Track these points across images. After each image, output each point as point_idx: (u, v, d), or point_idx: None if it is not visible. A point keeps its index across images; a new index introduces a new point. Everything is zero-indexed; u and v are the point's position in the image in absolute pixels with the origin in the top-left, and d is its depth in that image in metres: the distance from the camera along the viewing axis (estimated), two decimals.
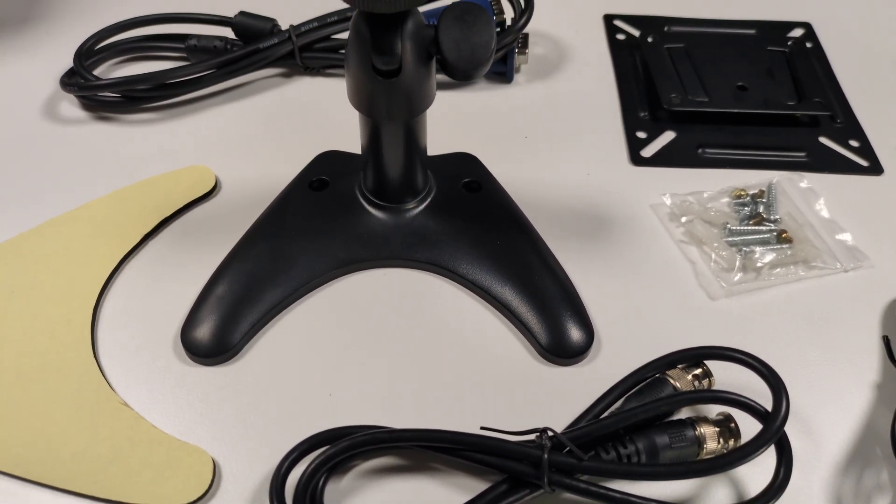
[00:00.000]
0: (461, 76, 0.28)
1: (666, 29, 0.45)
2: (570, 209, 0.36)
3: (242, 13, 0.41)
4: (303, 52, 0.40)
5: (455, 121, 0.40)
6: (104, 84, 0.37)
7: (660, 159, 0.38)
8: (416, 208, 0.34)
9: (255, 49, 0.39)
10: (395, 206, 0.34)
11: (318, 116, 0.40)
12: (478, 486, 0.26)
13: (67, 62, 0.40)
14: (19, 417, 0.28)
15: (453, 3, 0.27)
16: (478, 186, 0.35)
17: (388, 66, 0.27)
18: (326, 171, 0.36)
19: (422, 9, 0.41)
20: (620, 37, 0.44)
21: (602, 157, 0.38)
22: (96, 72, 0.41)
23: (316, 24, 0.40)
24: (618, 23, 0.45)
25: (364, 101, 0.29)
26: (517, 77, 0.42)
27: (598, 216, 0.35)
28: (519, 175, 0.37)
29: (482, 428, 0.27)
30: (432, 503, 0.26)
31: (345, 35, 0.41)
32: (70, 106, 0.40)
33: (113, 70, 0.42)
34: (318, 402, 0.29)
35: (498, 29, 0.40)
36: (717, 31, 0.44)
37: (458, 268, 0.32)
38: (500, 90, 0.41)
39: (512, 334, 0.31)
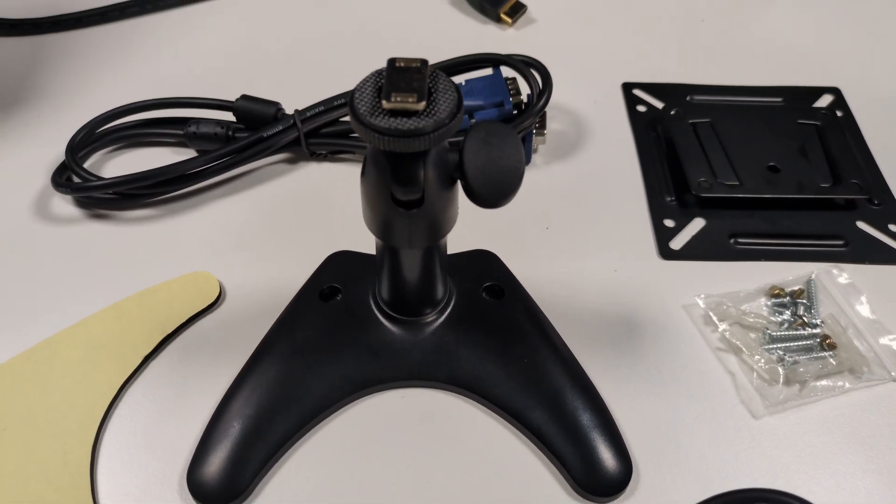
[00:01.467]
0: (488, 205, 0.25)
1: (688, 98, 0.42)
2: (598, 312, 0.34)
3: (244, 97, 0.39)
4: (309, 138, 0.38)
5: (471, 209, 0.37)
6: (100, 185, 0.35)
7: (690, 252, 0.35)
8: (435, 321, 0.31)
9: (258, 138, 0.37)
10: (413, 320, 0.31)
11: (327, 207, 0.37)
12: None
13: (59, 150, 0.38)
14: None
15: (478, 124, 0.25)
16: (500, 291, 0.33)
17: (410, 196, 0.25)
18: (338, 275, 0.33)
19: None
20: (641, 108, 0.42)
21: (629, 250, 0.36)
22: (89, 162, 0.38)
23: (322, 107, 0.38)
24: (637, 92, 0.43)
25: (381, 229, 0.27)
26: (535, 158, 0.39)
27: (628, 320, 0.33)
28: (541, 273, 0.34)
29: None
30: None
31: None
32: (62, 202, 0.37)
33: (106, 159, 0.39)
34: None
35: (515, 111, 0.37)
36: (743, 100, 0.42)
37: (483, 389, 0.30)
38: None
39: (543, 465, 0.29)
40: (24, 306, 0.33)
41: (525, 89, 0.38)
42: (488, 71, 0.40)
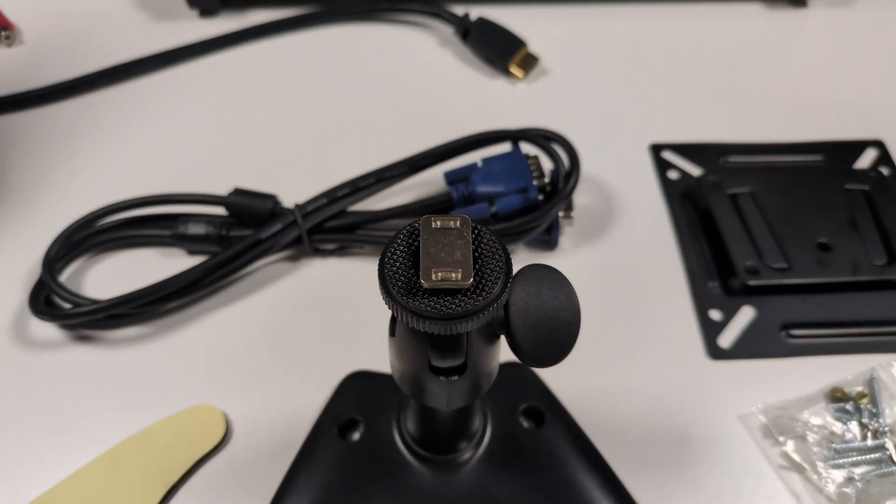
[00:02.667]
0: (538, 366, 0.22)
1: (721, 161, 0.39)
2: (646, 428, 0.30)
3: (238, 191, 0.35)
4: (312, 234, 0.34)
5: None
6: (91, 310, 0.31)
7: (741, 350, 0.32)
8: (471, 458, 0.28)
9: (255, 241, 0.33)
10: (445, 458, 0.28)
11: (337, 311, 0.34)
12: None
13: (31, 257, 0.34)
14: None
15: (524, 270, 0.22)
16: (540, 416, 0.30)
17: (450, 364, 0.22)
18: (356, 404, 0.30)
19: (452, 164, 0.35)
20: (673, 175, 0.39)
21: (674, 349, 0.32)
22: (67, 272, 0.34)
23: (325, 200, 0.34)
24: (667, 155, 0.39)
25: (415, 393, 0.23)
26: (561, 241, 0.36)
27: (679, 435, 0.30)
28: (577, 383, 0.31)
29: None
30: None
31: (358, 206, 0.35)
32: (39, 322, 0.33)
33: (85, 267, 0.35)
34: None
35: (540, 196, 0.34)
36: (781, 160, 0.39)
37: None
38: (544, 260, 0.35)
39: None
40: (5, 457, 0.30)
41: (546, 164, 0.35)
42: (505, 146, 0.36)
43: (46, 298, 0.33)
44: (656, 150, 0.40)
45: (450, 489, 0.28)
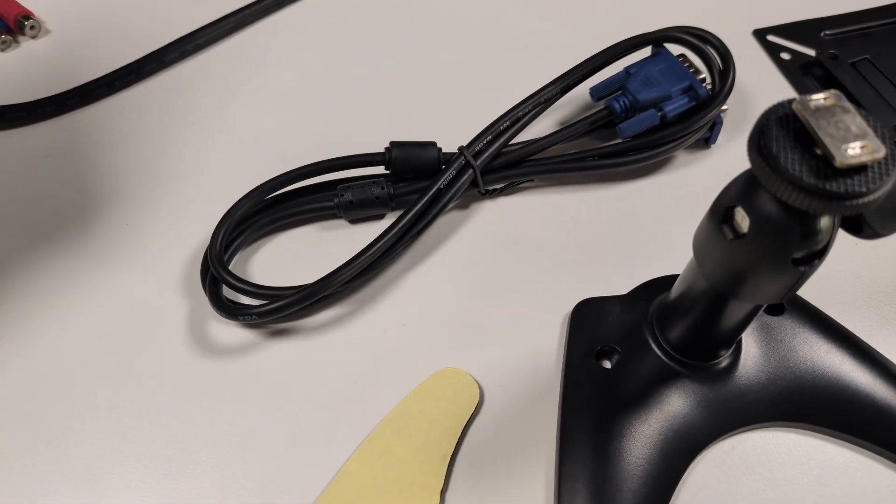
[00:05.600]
0: (886, 234, 0.22)
1: (822, 35, 0.40)
2: (856, 295, 0.31)
3: (396, 144, 0.32)
4: (483, 175, 0.32)
5: (680, 209, 0.33)
6: (295, 299, 0.28)
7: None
8: (734, 359, 0.28)
9: (436, 192, 0.31)
10: (707, 365, 0.28)
11: (530, 248, 0.32)
12: None
13: (168, 256, 0.31)
14: None
15: None
16: (779, 306, 0.30)
17: (812, 249, 0.21)
18: (598, 329, 0.29)
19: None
20: (786, 56, 0.39)
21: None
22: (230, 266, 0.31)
23: (489, 136, 0.32)
24: (772, 38, 0.40)
25: (749, 290, 0.23)
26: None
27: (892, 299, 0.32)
28: None
29: None
30: None
31: (519, 138, 0.33)
32: (220, 329, 0.30)
33: (246, 258, 0.32)
34: None
35: (707, 91, 0.33)
36: (879, 23, 0.40)
37: (825, 415, 0.27)
38: (703, 159, 0.35)
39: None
40: (264, 474, 0.27)
41: (695, 61, 0.34)
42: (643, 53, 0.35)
43: (223, 298, 0.29)
44: (760, 34, 0.40)
45: (725, 385, 0.28)
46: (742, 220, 0.21)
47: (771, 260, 0.21)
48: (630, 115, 0.33)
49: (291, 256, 0.31)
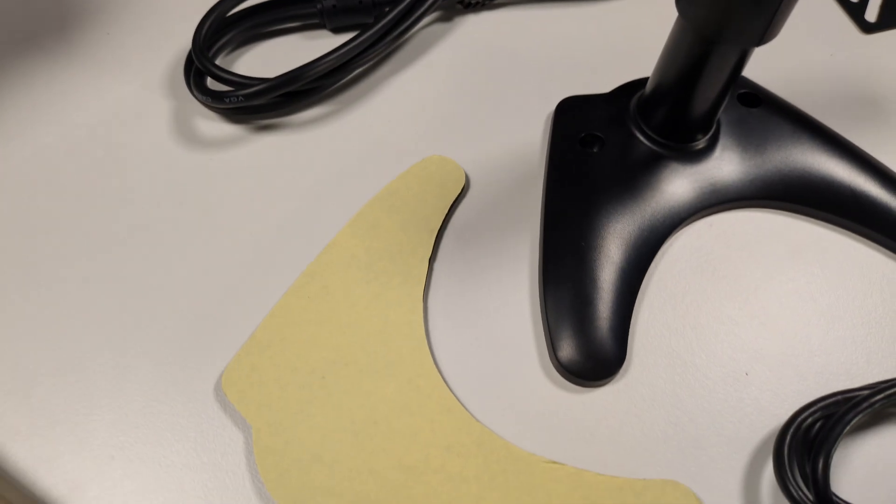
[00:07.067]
0: None
1: None
2: (834, 98, 0.32)
3: None
4: None
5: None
6: (276, 83, 0.28)
7: (890, 18, 0.35)
8: (713, 141, 0.29)
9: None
10: (689, 147, 0.29)
11: (510, 60, 0.33)
12: None
13: (153, 68, 0.31)
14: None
15: None
16: (755, 98, 0.31)
17: None
18: (582, 120, 0.30)
19: None
20: None
21: (836, 32, 0.34)
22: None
23: None
24: None
25: (739, 20, 0.23)
26: None
27: (865, 101, 0.32)
28: (762, 72, 0.33)
29: None
30: None
31: None
32: (207, 122, 0.30)
33: (230, 63, 0.32)
34: (731, 388, 0.25)
35: None
36: None
37: (795, 193, 0.29)
38: None
39: (882, 253, 0.28)
40: (257, 249, 0.27)
41: None
42: None
43: (208, 88, 0.29)
44: None
45: (705, 167, 0.29)
46: None
47: None
48: None
49: (274, 62, 0.31)
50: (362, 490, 0.22)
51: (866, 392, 0.24)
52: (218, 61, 0.31)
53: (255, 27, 0.31)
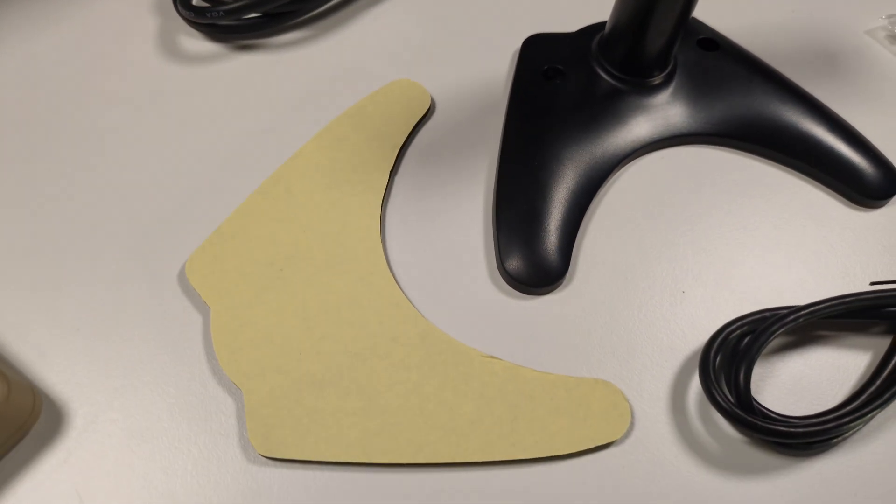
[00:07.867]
0: None
1: None
2: (793, 51, 0.34)
3: None
4: None
5: None
6: (251, 3, 0.30)
7: None
8: (669, 78, 0.30)
9: None
10: (647, 82, 0.30)
11: None
12: (867, 343, 0.26)
13: None
14: (397, 409, 0.24)
15: None
16: (714, 45, 0.32)
17: None
18: (548, 57, 0.31)
19: None
20: None
21: None
22: None
23: None
24: None
25: None
26: None
27: (823, 55, 0.34)
28: (727, 24, 0.34)
29: (872, 283, 0.26)
30: (837, 368, 0.26)
31: None
32: (190, 39, 0.31)
33: None
34: (667, 304, 0.27)
35: None
36: None
37: (744, 132, 0.30)
38: None
39: (812, 185, 0.30)
40: (229, 155, 0.29)
41: None
42: None
43: (189, 3, 0.31)
44: None
45: (661, 104, 0.30)
46: None
47: None
48: None
49: None
50: (309, 370, 0.24)
51: (792, 308, 0.26)
52: None
53: None
